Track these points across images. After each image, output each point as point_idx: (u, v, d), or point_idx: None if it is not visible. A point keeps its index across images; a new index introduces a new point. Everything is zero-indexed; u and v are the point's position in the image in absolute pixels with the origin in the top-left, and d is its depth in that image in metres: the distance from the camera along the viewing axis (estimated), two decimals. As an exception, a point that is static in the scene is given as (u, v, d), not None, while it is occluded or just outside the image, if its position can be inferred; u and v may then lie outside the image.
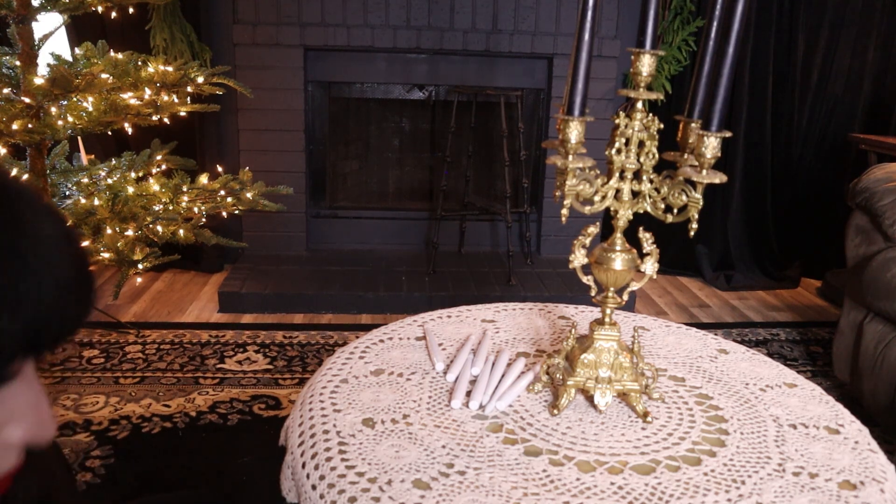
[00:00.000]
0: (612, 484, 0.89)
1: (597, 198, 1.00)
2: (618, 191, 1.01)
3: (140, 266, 2.36)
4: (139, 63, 2.32)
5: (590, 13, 0.89)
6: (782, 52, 3.28)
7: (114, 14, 2.54)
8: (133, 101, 2.32)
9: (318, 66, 3.17)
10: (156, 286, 3.07)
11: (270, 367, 2.36)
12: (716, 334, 1.40)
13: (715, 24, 0.94)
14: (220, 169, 2.83)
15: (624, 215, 1.02)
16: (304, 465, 0.93)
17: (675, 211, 0.98)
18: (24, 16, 2.21)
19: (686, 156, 0.99)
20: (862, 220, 2.22)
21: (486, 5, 3.10)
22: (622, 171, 1.00)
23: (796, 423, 1.05)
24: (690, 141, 0.99)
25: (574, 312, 1.44)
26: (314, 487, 0.88)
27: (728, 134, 0.92)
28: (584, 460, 0.94)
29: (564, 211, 0.97)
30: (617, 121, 0.98)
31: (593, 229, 1.03)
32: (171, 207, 2.46)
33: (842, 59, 3.32)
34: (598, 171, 1.00)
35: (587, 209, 0.99)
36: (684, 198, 0.96)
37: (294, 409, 1.07)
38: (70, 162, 2.60)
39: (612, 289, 1.05)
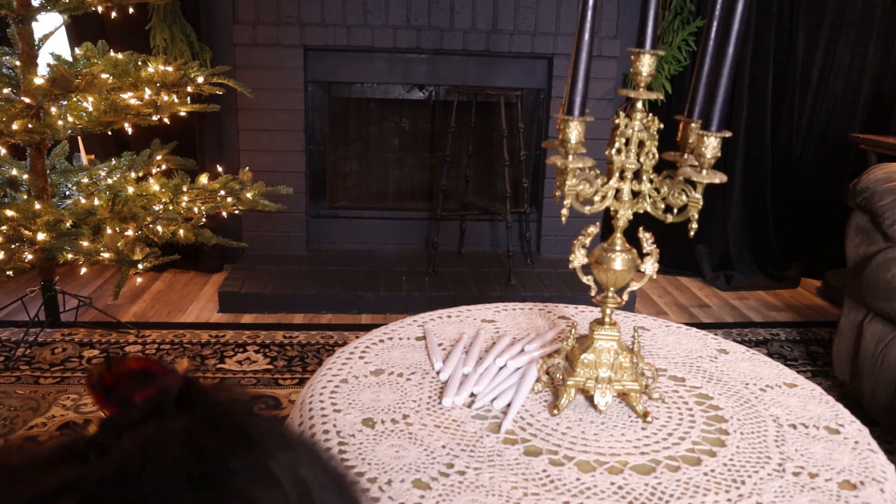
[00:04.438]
0: (612, 484, 0.89)
1: (597, 198, 1.00)
2: (618, 191, 1.01)
3: (140, 266, 2.36)
4: (139, 63, 2.32)
5: (590, 13, 0.89)
6: (782, 52, 3.27)
7: (114, 14, 2.54)
8: (133, 101, 2.32)
9: (318, 66, 3.17)
10: (156, 286, 3.07)
11: (270, 367, 2.36)
12: (716, 334, 1.40)
13: (715, 24, 0.94)
14: (220, 169, 2.83)
15: (624, 215, 1.02)
16: (304, 465, 0.93)
17: (675, 211, 0.98)
18: (24, 16, 2.21)
19: (686, 156, 0.99)
20: (862, 220, 2.22)
21: (486, 5, 3.10)
22: (622, 171, 1.00)
23: (796, 423, 1.05)
24: (690, 141, 0.99)
25: (574, 312, 1.44)
26: (314, 487, 0.88)
27: (728, 134, 0.92)
28: (584, 460, 0.94)
29: (564, 211, 0.97)
30: (617, 121, 0.98)
31: (593, 229, 1.03)
32: (171, 207, 2.46)
33: (842, 59, 3.32)
34: (598, 171, 1.00)
35: (587, 209, 0.99)
36: (684, 198, 0.96)
37: (294, 409, 1.07)
38: (70, 162, 2.60)
39: (612, 289, 1.05)
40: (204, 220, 2.59)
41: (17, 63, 2.25)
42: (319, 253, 3.34)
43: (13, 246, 2.18)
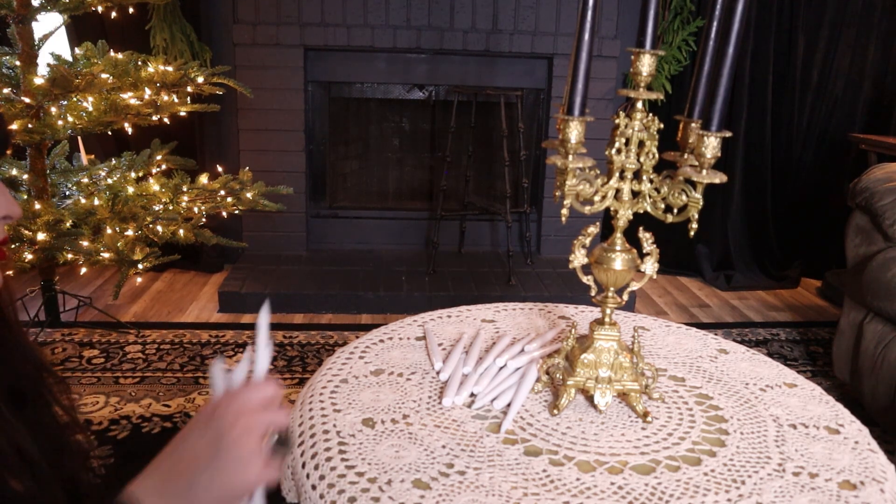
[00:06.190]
0: (612, 484, 0.89)
1: (597, 198, 1.00)
2: (618, 191, 1.01)
3: (140, 266, 2.36)
4: (139, 63, 2.32)
5: (590, 13, 0.89)
6: (782, 52, 3.27)
7: (114, 14, 2.54)
8: (133, 101, 2.32)
9: (318, 66, 3.17)
10: (156, 286, 3.07)
11: (270, 367, 2.35)
12: (716, 334, 1.40)
13: (715, 24, 0.94)
14: (220, 169, 2.83)
15: (624, 215, 1.02)
16: (304, 465, 0.93)
17: (675, 211, 0.98)
18: (24, 16, 2.21)
19: (686, 156, 0.99)
20: (862, 220, 2.22)
21: (486, 5, 3.10)
22: (622, 171, 1.00)
23: (796, 423, 1.05)
24: (690, 141, 0.99)
25: (574, 312, 1.44)
26: (314, 487, 0.88)
27: (728, 134, 0.92)
28: (584, 460, 0.94)
29: (564, 211, 0.97)
30: (617, 121, 0.98)
31: (593, 229, 1.03)
32: (171, 207, 2.46)
33: (842, 59, 3.32)
34: (598, 171, 1.00)
35: (587, 209, 0.99)
36: (684, 198, 0.96)
37: (294, 409, 1.07)
38: (70, 162, 2.60)
39: (612, 289, 1.05)
40: (204, 220, 2.59)
41: (17, 63, 2.25)
42: (319, 253, 3.34)
43: (13, 246, 2.18)
